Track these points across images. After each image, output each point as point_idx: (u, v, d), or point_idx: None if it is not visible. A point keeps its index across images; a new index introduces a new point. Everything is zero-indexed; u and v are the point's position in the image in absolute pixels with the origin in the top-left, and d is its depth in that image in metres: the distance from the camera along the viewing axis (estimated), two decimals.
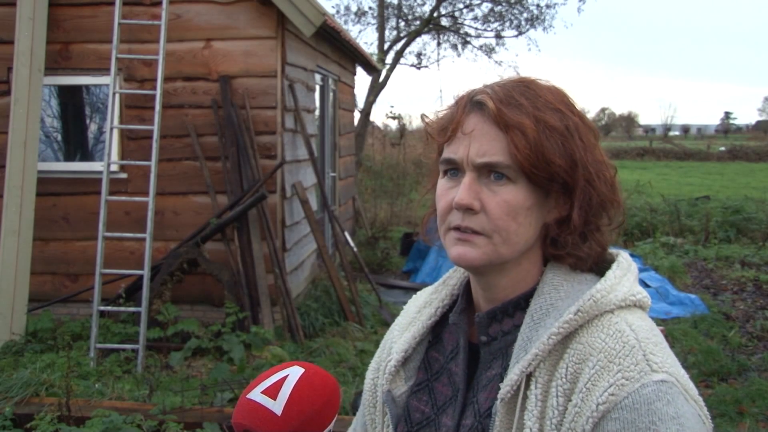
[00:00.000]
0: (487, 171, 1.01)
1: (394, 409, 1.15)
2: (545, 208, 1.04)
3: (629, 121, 70.98)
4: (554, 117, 1.01)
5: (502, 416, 0.99)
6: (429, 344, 1.19)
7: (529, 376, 0.98)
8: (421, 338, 1.18)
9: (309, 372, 1.01)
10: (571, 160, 1.01)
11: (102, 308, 5.62)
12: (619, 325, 0.97)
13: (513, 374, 0.98)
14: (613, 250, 1.12)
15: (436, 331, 1.19)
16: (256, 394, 0.98)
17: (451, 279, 1.22)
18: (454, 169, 1.05)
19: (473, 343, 1.12)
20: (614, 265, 1.06)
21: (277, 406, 0.96)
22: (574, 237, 1.04)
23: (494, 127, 1.00)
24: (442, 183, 1.07)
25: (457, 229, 1.03)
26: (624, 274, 1.04)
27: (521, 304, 1.06)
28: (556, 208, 1.04)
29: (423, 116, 1.13)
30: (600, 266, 1.09)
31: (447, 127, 1.05)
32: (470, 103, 1.04)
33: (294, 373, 1.00)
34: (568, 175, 1.01)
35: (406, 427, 1.14)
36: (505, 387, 0.99)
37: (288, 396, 0.97)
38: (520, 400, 0.98)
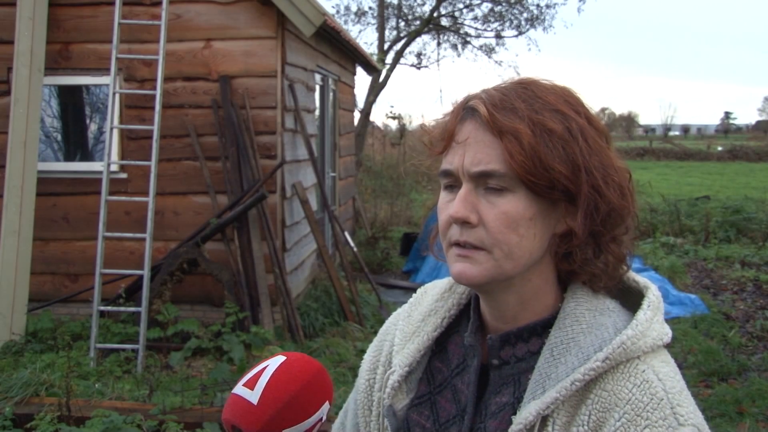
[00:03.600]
0: (484, 181, 0.95)
1: (394, 422, 1.11)
2: (552, 218, 0.98)
3: (629, 121, 70.87)
4: (554, 119, 0.94)
5: None
6: (432, 353, 1.13)
7: (545, 416, 0.95)
8: (425, 351, 1.12)
9: (290, 359, 0.98)
10: (574, 165, 0.94)
11: (102, 308, 5.62)
12: (646, 374, 0.94)
13: (528, 413, 0.94)
14: (639, 279, 1.06)
15: (440, 340, 1.13)
16: (239, 387, 0.96)
17: (458, 286, 1.14)
18: (453, 181, 0.99)
19: (482, 362, 1.07)
20: (644, 304, 0.99)
21: (254, 396, 0.94)
22: (584, 250, 0.98)
23: (488, 133, 0.94)
24: (442, 196, 1.01)
25: (458, 244, 0.98)
26: (654, 315, 0.98)
27: (537, 330, 1.01)
28: (564, 219, 0.98)
29: (422, 126, 1.08)
30: (623, 290, 1.04)
31: (443, 137, 1.00)
32: (464, 110, 0.98)
33: (274, 362, 0.97)
34: (570, 181, 0.94)
35: None
36: (518, 425, 0.95)
37: (265, 385, 0.94)
38: None
